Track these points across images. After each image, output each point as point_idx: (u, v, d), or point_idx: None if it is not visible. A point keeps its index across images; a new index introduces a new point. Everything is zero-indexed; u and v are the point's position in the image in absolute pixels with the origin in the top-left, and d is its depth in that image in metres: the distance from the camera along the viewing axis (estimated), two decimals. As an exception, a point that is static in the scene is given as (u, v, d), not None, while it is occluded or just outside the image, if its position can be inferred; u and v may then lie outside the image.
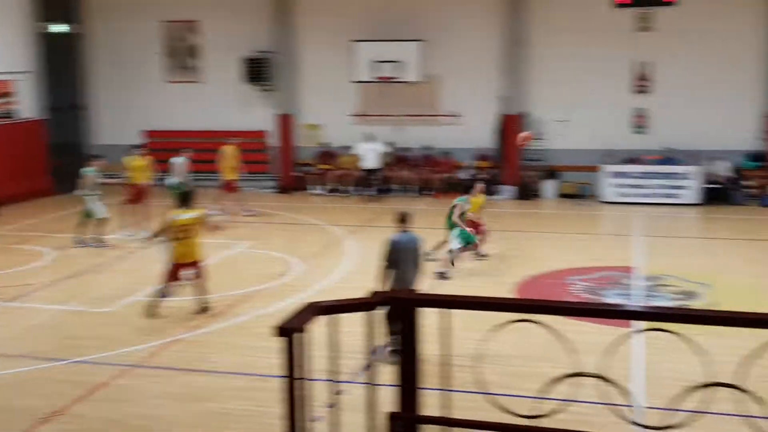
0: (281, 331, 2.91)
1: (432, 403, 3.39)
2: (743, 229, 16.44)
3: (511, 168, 20.75)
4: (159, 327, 10.33)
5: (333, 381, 3.31)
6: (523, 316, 3.19)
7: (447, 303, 3.05)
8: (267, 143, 22.38)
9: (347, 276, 12.77)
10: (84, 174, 15.14)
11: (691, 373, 3.61)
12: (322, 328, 3.15)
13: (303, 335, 2.99)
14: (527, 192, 20.49)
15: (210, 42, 22.37)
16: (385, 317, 3.20)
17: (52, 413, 7.80)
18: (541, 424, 3.15)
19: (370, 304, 3.07)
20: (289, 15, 21.75)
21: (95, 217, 14.98)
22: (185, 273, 10.63)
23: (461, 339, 4.11)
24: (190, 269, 10.63)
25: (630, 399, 3.37)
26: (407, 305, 2.96)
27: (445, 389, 3.38)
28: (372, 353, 3.12)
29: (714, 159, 19.29)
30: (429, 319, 3.15)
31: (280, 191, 21.83)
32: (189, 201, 10.76)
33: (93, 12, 22.93)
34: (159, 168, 17.76)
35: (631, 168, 19.54)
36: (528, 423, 3.10)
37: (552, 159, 20.77)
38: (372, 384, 3.27)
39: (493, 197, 20.40)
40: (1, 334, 10.52)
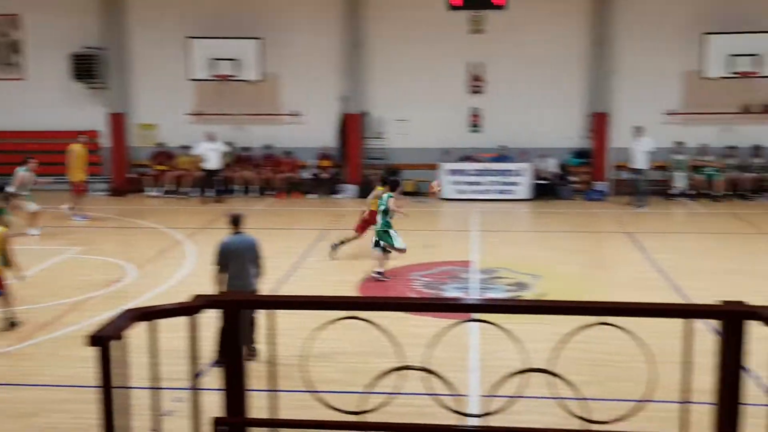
0: (94, 340, 2.75)
1: (261, 405, 3.32)
2: (570, 222, 17.39)
3: (353, 167, 20.93)
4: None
5: (155, 388, 3.17)
6: (354, 313, 3.19)
7: (270, 304, 2.99)
8: (98, 144, 21.40)
9: (186, 280, 12.40)
10: None
11: (521, 360, 3.72)
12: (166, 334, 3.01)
13: (121, 342, 2.84)
14: (369, 190, 20.67)
15: (34, 37, 21.13)
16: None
17: None
18: (368, 418, 3.16)
19: (191, 308, 2.96)
20: (120, 9, 20.91)
21: None
22: None
23: (303, 339, 4.05)
24: None
25: (454, 389, 3.43)
26: (230, 307, 2.86)
27: (275, 390, 3.32)
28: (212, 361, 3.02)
29: (543, 156, 20.28)
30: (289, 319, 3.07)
31: (112, 194, 20.93)
32: None
33: None
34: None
35: (468, 166, 20.21)
36: (355, 419, 3.10)
37: (393, 158, 21.13)
38: (196, 389, 3.16)
39: (336, 196, 20.54)
40: None
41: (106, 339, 2.77)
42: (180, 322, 3.06)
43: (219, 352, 8.27)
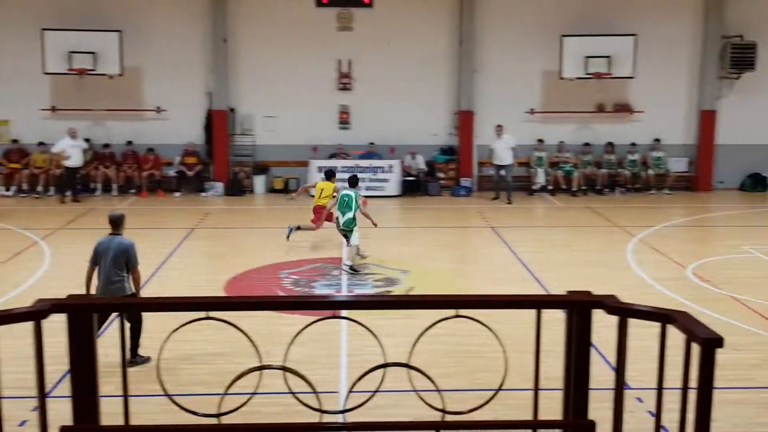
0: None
1: (119, 411, 3.21)
2: (437, 218, 17.75)
3: (221, 164, 20.58)
4: None
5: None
6: (214, 314, 3.13)
7: (120, 307, 2.88)
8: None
9: (42, 283, 11.81)
10: None
11: (385, 355, 3.76)
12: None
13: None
14: (237, 188, 20.43)
15: None
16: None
17: None
18: (231, 420, 3.11)
19: (35, 312, 2.82)
20: (-34, -1, 19.68)
21: None
22: None
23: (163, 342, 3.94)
24: None
25: (314, 386, 3.42)
26: (74, 311, 2.74)
27: (134, 396, 3.22)
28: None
29: (411, 153, 20.60)
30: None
31: (-43, 194, 19.70)
32: None
33: None
34: None
35: (338, 162, 20.25)
36: (213, 421, 3.05)
37: (262, 154, 20.92)
38: (44, 397, 3.01)
39: (203, 194, 20.12)
40: None
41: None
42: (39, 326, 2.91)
43: (132, 351, 8.03)
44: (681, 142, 21.36)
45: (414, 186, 20.41)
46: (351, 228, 12.74)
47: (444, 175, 20.97)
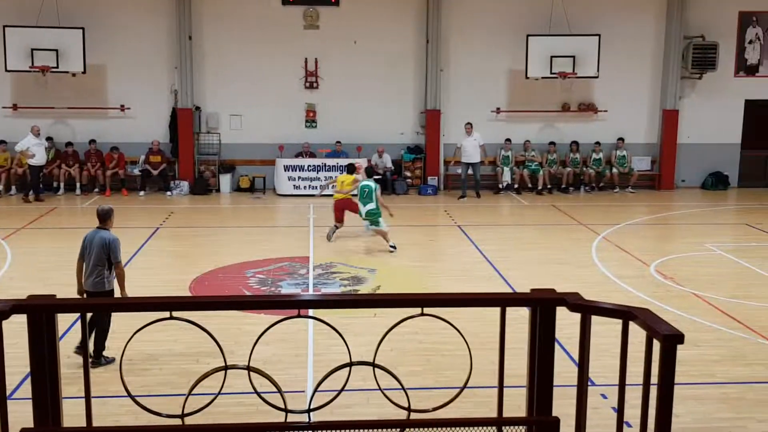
0: None
1: (80, 413, 3.17)
2: (405, 216, 17.73)
3: (186, 163, 20.42)
4: None
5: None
6: (180, 314, 3.10)
7: (87, 307, 2.85)
8: None
9: (2, 283, 11.63)
10: None
11: (350, 354, 3.75)
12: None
13: None
14: (203, 187, 20.28)
15: None
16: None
17: None
18: (193, 420, 3.09)
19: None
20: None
21: None
22: None
23: (137, 341, 3.89)
24: None
25: (280, 386, 3.41)
26: (34, 312, 2.71)
27: (95, 397, 3.18)
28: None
29: (378, 152, 20.59)
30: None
31: None
32: None
33: None
34: None
35: (304, 161, 20.22)
36: (177, 422, 3.02)
37: (227, 153, 20.79)
38: (4, 399, 2.97)
39: (168, 193, 19.94)
40: None
41: None
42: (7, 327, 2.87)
43: (95, 350, 7.94)
44: (644, 141, 21.64)
45: (381, 185, 20.38)
46: (375, 218, 13.78)
47: (411, 174, 21.01)
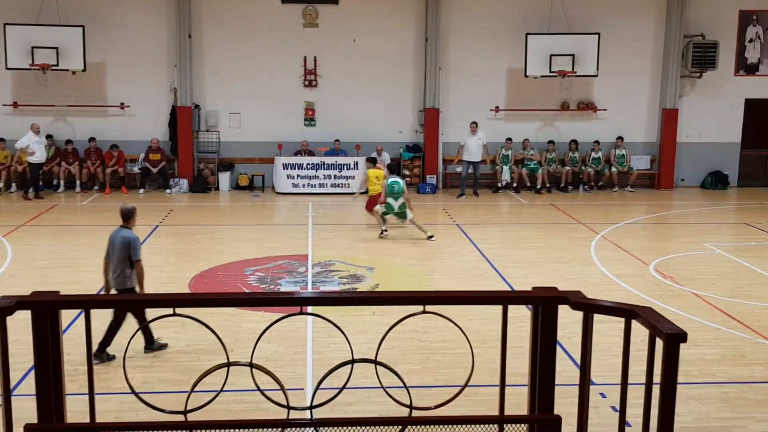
0: None
1: (78, 410, 3.17)
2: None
3: (185, 161, 20.42)
4: None
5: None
6: (181, 311, 3.10)
7: (85, 304, 2.85)
8: None
9: (2, 281, 11.63)
10: None
11: (351, 352, 3.76)
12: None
13: None
14: (202, 185, 20.28)
15: None
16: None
17: None
18: (195, 417, 3.10)
19: (-1, 309, 2.77)
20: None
21: None
22: None
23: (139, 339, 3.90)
24: None
25: (282, 383, 3.42)
26: (38, 308, 2.71)
27: (101, 393, 3.18)
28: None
29: (377, 150, 20.57)
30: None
31: None
32: None
33: None
34: None
35: (303, 159, 20.22)
36: (177, 418, 3.03)
37: (227, 151, 20.79)
38: (9, 395, 2.97)
39: (168, 191, 19.94)
40: None
41: None
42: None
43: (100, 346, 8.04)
44: (643, 140, 21.65)
45: (380, 183, 20.39)
46: (404, 210, 14.60)
47: (409, 172, 21.01)
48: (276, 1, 20.34)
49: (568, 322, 3.75)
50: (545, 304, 3.32)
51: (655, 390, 3.21)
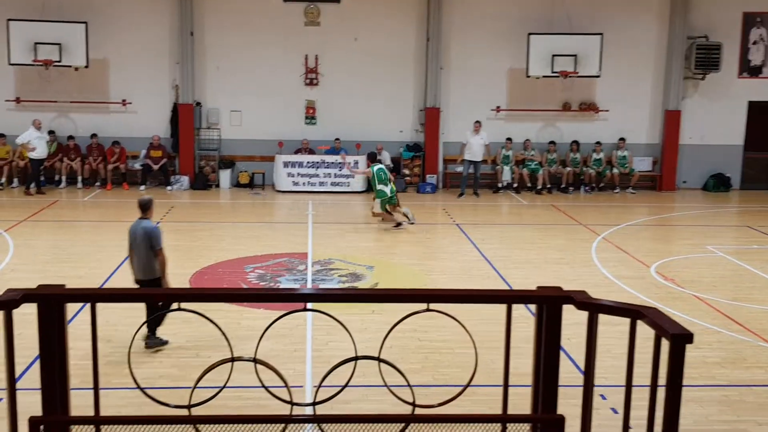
0: None
1: (89, 404, 3.17)
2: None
3: (186, 158, 20.42)
4: None
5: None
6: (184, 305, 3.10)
7: (90, 297, 2.85)
8: None
9: (5, 275, 11.62)
10: None
11: (352, 349, 3.76)
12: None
13: None
14: (203, 182, 20.28)
15: None
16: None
17: None
18: (198, 412, 3.10)
19: (5, 302, 2.77)
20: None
21: None
22: None
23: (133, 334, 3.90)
24: None
25: (285, 378, 3.42)
26: (43, 301, 2.71)
27: (105, 388, 3.18)
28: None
29: (377, 149, 20.58)
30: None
31: None
32: None
33: None
34: None
35: (303, 158, 20.21)
36: (181, 413, 3.03)
37: (227, 149, 20.79)
38: (14, 388, 2.97)
39: (169, 188, 19.94)
40: None
41: None
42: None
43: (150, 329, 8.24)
44: (645, 141, 21.64)
45: (381, 182, 20.38)
46: (395, 194, 15.36)
47: (409, 172, 21.01)
48: (278, 0, 20.34)
49: (567, 323, 3.74)
50: (550, 303, 3.32)
51: (660, 392, 3.21)
